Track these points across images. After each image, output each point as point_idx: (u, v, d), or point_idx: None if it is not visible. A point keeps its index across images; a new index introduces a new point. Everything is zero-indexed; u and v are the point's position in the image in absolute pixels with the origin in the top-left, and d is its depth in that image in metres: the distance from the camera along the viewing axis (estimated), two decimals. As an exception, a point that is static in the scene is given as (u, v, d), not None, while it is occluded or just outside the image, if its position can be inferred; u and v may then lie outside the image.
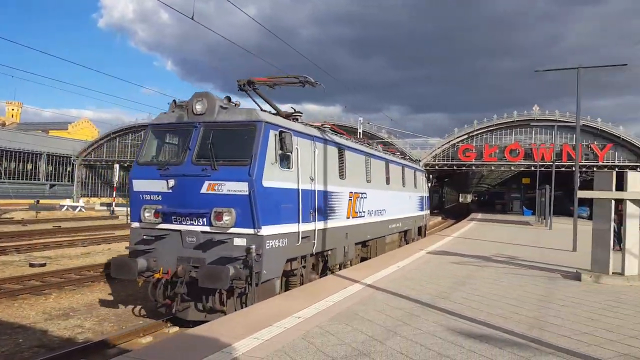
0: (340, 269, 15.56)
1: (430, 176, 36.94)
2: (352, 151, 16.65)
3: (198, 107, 12.00)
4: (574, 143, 61.93)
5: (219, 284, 10.49)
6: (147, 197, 12.05)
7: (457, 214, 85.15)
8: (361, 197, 17.18)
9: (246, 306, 10.93)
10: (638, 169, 57.38)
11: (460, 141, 68.22)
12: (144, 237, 12.01)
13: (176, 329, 11.91)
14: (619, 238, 15.12)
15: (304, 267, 13.24)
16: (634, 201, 13.53)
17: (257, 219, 11.07)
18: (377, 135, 68.30)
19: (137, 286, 14.06)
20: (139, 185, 12.19)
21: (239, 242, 11.13)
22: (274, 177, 11.61)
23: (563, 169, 61.83)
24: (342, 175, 15.52)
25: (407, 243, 24.74)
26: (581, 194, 14.31)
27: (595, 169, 59.86)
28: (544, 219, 42.96)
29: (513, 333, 8.17)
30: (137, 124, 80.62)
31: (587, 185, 75.89)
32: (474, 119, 70.45)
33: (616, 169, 55.81)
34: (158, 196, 11.90)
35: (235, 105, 12.22)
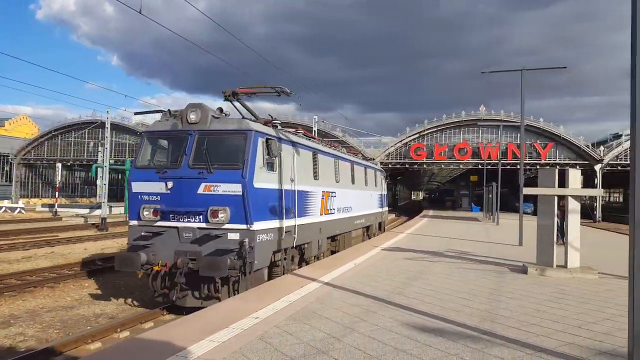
0: (314, 260, 17.25)
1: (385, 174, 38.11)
2: (323, 154, 18.31)
3: (192, 117, 13.35)
4: (518, 142, 65.38)
5: (218, 272, 11.97)
6: (146, 197, 13.34)
7: (410, 211, 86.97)
8: (331, 196, 18.79)
9: (238, 293, 12.29)
10: (577, 167, 60.05)
11: (412, 140, 70.34)
12: (143, 233, 13.30)
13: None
14: (562, 232, 15.52)
15: (284, 258, 14.66)
16: (574, 197, 14.03)
17: (249, 216, 12.64)
18: (331, 134, 69.14)
19: (82, 290, 15.44)
20: (137, 187, 13.48)
21: (232, 236, 12.62)
22: (262, 179, 13.16)
23: (509, 167, 65.08)
24: (316, 176, 17.12)
25: (369, 238, 26.44)
26: (526, 190, 14.80)
27: (538, 167, 62.82)
28: (491, 215, 44.19)
29: (466, 326, 8.46)
30: (81, 120, 78.12)
31: (532, 182, 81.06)
32: (424, 119, 73.42)
33: (557, 167, 58.60)
34: (157, 196, 13.22)
35: (226, 115, 13.75)
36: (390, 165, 69.30)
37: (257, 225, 12.87)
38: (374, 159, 37.08)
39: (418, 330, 8.20)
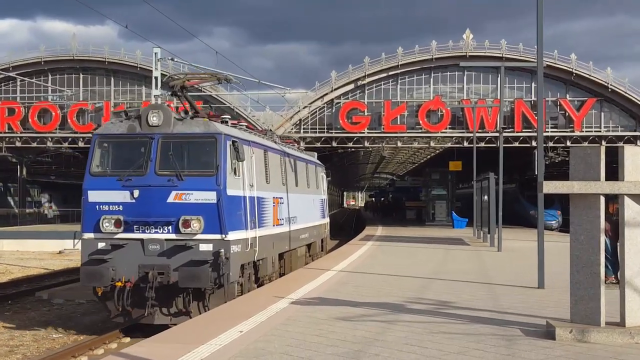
0: (269, 281, 16.32)
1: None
2: (272, 151, 17.60)
3: (154, 119, 13.15)
4: (533, 98, 42.09)
5: (200, 283, 12.35)
6: (106, 207, 13.08)
7: (341, 227, 55.31)
8: (280, 203, 17.90)
9: (209, 309, 12.46)
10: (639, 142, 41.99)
11: (342, 95, 44.21)
12: (100, 247, 13.09)
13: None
14: (614, 262, 11.16)
15: (247, 274, 14.48)
16: (637, 198, 8.95)
17: (223, 225, 12.83)
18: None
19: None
20: (95, 196, 13.21)
21: (204, 247, 12.77)
22: (232, 186, 13.38)
23: (516, 144, 42.98)
24: (267, 179, 16.48)
25: (312, 260, 22.94)
26: (548, 187, 9.36)
27: (569, 143, 42.09)
28: (488, 232, 28.42)
29: None
30: None
31: (558, 171, 61.86)
32: (363, 56, 46.75)
33: (604, 142, 43.00)
34: (119, 206, 12.99)
35: (191, 117, 13.60)
36: (303, 143, 40.68)
37: (232, 235, 13.12)
38: (298, 142, 28.73)
39: None
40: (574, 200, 9.04)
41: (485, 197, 28.40)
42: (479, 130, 40.30)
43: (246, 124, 17.70)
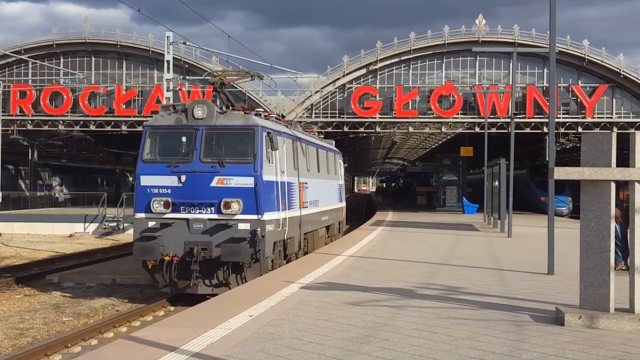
0: (295, 258, 17.80)
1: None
2: (299, 141, 19.10)
3: (199, 113, 14.63)
4: (545, 84, 41.42)
5: (239, 257, 13.90)
6: (156, 190, 14.54)
7: (353, 212, 51.59)
8: (305, 187, 19.26)
9: (246, 281, 13.98)
10: None
11: (354, 80, 43.95)
12: (150, 225, 14.53)
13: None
14: (625, 248, 11.03)
15: (273, 252, 15.59)
16: None
17: (260, 207, 14.37)
18: (200, 66, 43.85)
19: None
20: (146, 180, 14.70)
21: (242, 226, 14.25)
22: (267, 172, 14.89)
23: (527, 130, 42.59)
24: (295, 166, 18.00)
25: (331, 240, 24.15)
26: (559, 173, 9.20)
27: (581, 129, 41.59)
28: (498, 218, 28.12)
29: None
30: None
31: (569, 157, 59.80)
32: (375, 40, 47.44)
33: (615, 128, 42.37)
34: (167, 190, 14.47)
35: (231, 111, 15.22)
36: (315, 128, 37.43)
37: (267, 216, 14.59)
38: (301, 123, 28.50)
39: None
40: (585, 187, 8.89)
41: (496, 183, 28.24)
42: (491, 116, 39.87)
43: (275, 115, 19.15)
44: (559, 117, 41.01)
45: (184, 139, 15.04)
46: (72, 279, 19.01)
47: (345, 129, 43.86)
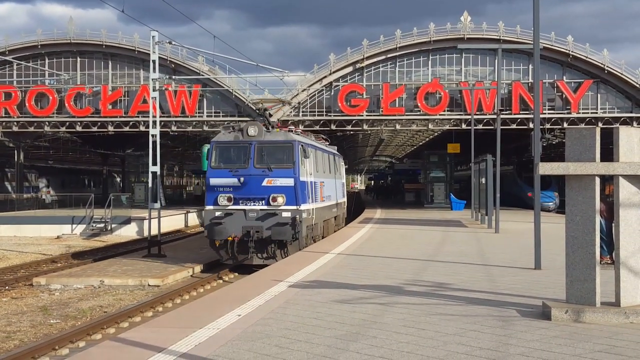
0: (319, 239, 22.66)
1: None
2: (318, 150, 24.18)
3: (251, 131, 19.57)
4: (530, 80, 40.82)
5: (284, 237, 19.03)
6: (221, 189, 19.37)
7: None
8: (323, 186, 24.01)
9: (287, 255, 18.81)
10: (636, 123, 40.71)
11: (341, 78, 43.24)
12: (217, 215, 19.34)
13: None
14: (609, 243, 10.82)
15: (306, 233, 20.27)
16: (631, 178, 8.58)
17: (298, 200, 19.41)
18: (186, 66, 43.50)
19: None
20: (214, 181, 19.65)
21: (285, 214, 19.25)
22: (302, 174, 19.94)
23: (514, 127, 42.24)
24: (317, 169, 22.86)
25: (337, 228, 28.72)
26: (545, 168, 9.11)
27: (566, 124, 41.28)
28: (485, 214, 27.89)
29: None
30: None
31: (554, 152, 58.50)
32: (362, 37, 46.51)
33: (600, 124, 41.53)
34: (230, 188, 19.31)
35: (276, 129, 21.46)
36: (302, 126, 37.89)
37: (302, 206, 19.56)
38: (323, 137, 30.48)
39: None
40: (570, 182, 8.81)
41: (483, 179, 28.09)
42: (477, 113, 39.62)
43: (300, 130, 25.29)
44: (545, 113, 40.80)
45: (241, 151, 19.76)
46: (59, 281, 18.77)
47: (333, 127, 43.47)
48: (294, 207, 19.21)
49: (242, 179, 19.11)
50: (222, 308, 9.67)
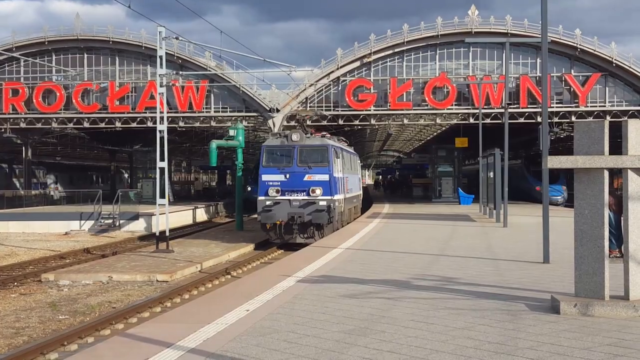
0: (346, 224, 27.62)
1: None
2: (344, 151, 29.07)
3: (295, 137, 24.69)
4: (538, 74, 41.12)
5: (322, 220, 23.88)
6: (271, 183, 24.28)
7: None
8: (347, 180, 28.81)
9: (324, 236, 23.22)
10: None
11: (348, 73, 43.06)
12: (267, 204, 24.10)
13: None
14: (619, 236, 10.75)
15: (337, 219, 25.56)
16: None
17: (332, 191, 24.40)
18: (193, 61, 43.22)
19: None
20: (266, 177, 24.53)
21: (322, 203, 24.05)
22: (334, 171, 24.95)
23: (521, 120, 41.82)
24: (343, 166, 27.81)
25: (357, 217, 33.05)
26: (553, 161, 9.00)
27: (574, 118, 41.19)
28: (494, 208, 27.72)
29: None
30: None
31: (562, 146, 58.40)
32: (369, 32, 45.88)
33: (608, 117, 41.44)
34: (278, 182, 24.21)
35: (313, 135, 26.24)
36: (309, 121, 34.62)
37: (335, 197, 24.68)
38: (343, 139, 33.40)
39: None
40: (578, 175, 8.74)
41: (491, 174, 28.00)
42: (485, 107, 39.43)
43: (329, 135, 29.14)
44: (552, 107, 40.71)
45: (286, 153, 24.72)
46: (68, 277, 18.81)
47: (340, 122, 43.36)
48: (329, 197, 24.05)
49: (287, 175, 24.10)
50: (231, 303, 9.65)
